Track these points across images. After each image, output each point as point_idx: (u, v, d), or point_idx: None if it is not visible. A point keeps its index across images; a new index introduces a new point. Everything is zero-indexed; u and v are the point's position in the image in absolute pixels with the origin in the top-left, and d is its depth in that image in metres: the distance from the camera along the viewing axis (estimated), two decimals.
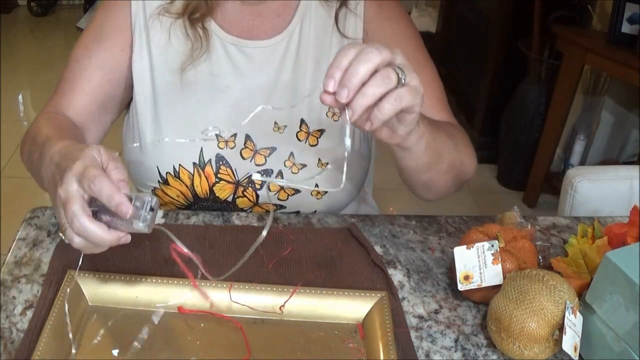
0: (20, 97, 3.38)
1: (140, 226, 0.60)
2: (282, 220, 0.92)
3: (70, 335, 0.67)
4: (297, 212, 0.96)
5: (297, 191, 0.94)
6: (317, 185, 0.93)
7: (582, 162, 2.48)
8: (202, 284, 0.75)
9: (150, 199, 0.61)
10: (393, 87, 0.61)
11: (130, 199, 0.60)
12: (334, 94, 0.60)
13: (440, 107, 0.93)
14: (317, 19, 0.92)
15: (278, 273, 0.80)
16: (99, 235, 0.60)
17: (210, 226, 0.89)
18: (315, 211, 0.96)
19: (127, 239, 0.62)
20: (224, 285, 0.75)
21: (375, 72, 0.60)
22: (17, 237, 0.86)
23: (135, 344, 0.68)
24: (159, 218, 0.90)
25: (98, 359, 0.68)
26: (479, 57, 2.84)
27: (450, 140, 0.83)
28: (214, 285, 0.75)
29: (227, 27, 0.92)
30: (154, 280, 0.75)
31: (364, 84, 0.60)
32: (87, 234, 0.60)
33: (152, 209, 0.60)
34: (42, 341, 0.65)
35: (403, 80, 0.62)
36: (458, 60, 3.19)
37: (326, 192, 0.94)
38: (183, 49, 0.91)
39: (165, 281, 0.75)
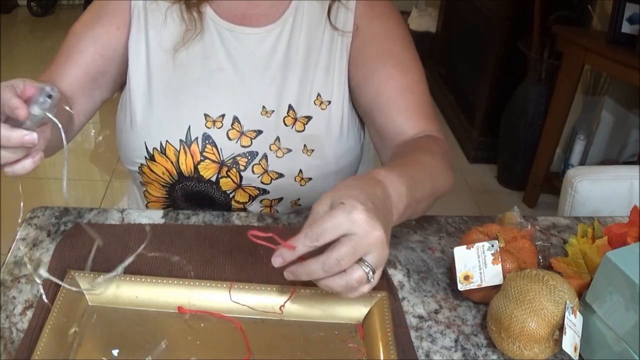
0: None
1: (36, 111, 0.63)
2: (282, 220, 0.92)
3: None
4: (281, 199, 0.97)
5: (280, 175, 0.95)
6: (300, 171, 0.95)
7: (582, 162, 2.48)
8: (202, 283, 0.75)
9: (50, 88, 0.64)
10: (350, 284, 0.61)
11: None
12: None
13: (417, 115, 0.92)
14: (310, 12, 0.95)
15: (278, 273, 0.80)
16: None
17: (210, 226, 0.89)
18: (299, 199, 0.98)
19: (32, 136, 0.63)
20: (224, 286, 0.75)
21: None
22: (17, 237, 0.86)
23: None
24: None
25: (98, 359, 0.68)
26: (479, 57, 2.84)
27: (428, 182, 0.78)
28: (213, 285, 0.75)
29: (222, 14, 0.94)
30: (154, 280, 0.75)
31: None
32: None
33: (49, 96, 0.64)
34: (42, 341, 0.65)
35: (371, 279, 0.61)
36: (458, 60, 3.19)
37: (310, 178, 0.95)
38: (178, 32, 0.94)
39: (165, 281, 0.75)
